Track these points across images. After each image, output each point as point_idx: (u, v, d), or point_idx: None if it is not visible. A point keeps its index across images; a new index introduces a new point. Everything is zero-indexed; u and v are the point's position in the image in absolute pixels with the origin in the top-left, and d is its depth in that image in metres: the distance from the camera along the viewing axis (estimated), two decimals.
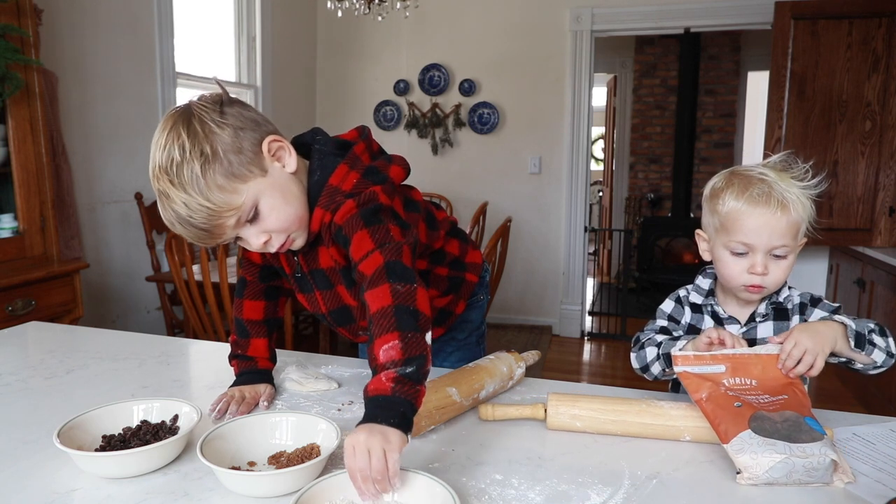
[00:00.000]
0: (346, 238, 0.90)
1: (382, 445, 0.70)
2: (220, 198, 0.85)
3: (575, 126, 4.23)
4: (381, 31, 4.49)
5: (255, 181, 0.88)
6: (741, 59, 6.03)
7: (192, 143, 0.85)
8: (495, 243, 2.45)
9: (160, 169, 0.86)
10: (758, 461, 0.78)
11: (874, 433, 0.93)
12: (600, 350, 4.29)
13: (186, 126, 0.87)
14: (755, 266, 0.99)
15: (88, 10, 2.78)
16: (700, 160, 6.14)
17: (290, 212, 0.92)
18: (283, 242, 0.93)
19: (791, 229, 0.98)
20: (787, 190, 0.98)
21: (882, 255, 3.10)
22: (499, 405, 0.97)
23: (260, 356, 1.11)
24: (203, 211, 0.85)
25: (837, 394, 3.35)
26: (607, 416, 0.92)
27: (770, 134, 3.59)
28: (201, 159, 0.84)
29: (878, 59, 3.38)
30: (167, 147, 0.86)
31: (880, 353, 0.95)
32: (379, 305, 0.80)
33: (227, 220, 0.87)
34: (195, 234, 0.88)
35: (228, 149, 0.86)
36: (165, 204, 0.86)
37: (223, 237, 0.89)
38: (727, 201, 1.01)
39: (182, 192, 0.84)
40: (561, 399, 0.94)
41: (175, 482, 0.78)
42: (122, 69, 2.97)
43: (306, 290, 1.07)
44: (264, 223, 0.90)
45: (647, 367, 1.08)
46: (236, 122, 0.90)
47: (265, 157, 0.90)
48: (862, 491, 0.78)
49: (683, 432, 0.91)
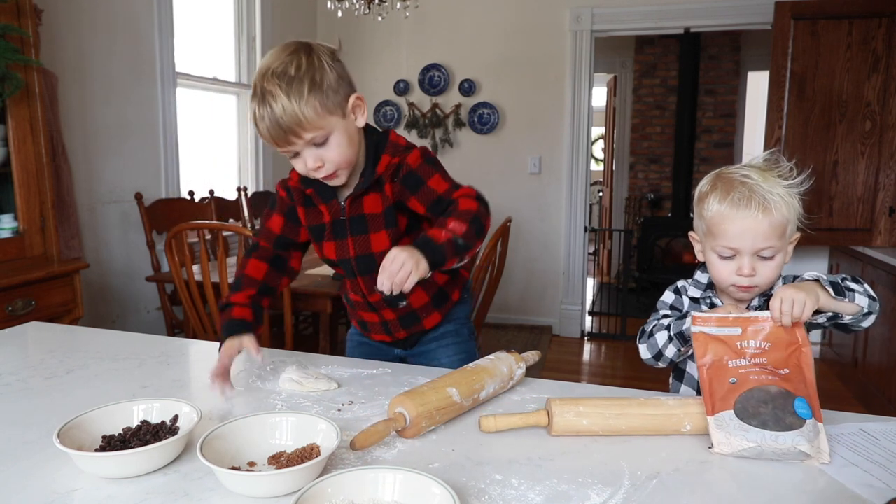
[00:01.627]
0: (420, 179, 1.14)
1: (412, 266, 0.96)
2: (311, 115, 1.03)
3: (575, 126, 4.23)
4: (381, 32, 4.50)
5: (337, 119, 1.07)
6: (741, 59, 6.03)
7: (307, 67, 1.03)
8: (495, 243, 2.45)
9: (273, 73, 1.02)
10: (730, 441, 0.85)
11: (881, 430, 0.94)
12: (600, 350, 4.29)
13: (307, 54, 1.05)
14: (742, 268, 1.01)
15: (88, 10, 2.78)
16: (700, 160, 6.14)
17: (349, 153, 1.11)
18: (330, 173, 1.11)
19: (775, 230, 0.99)
20: (770, 191, 0.99)
21: (882, 255, 3.10)
22: (501, 416, 0.93)
23: (238, 303, 1.19)
24: (294, 118, 1.02)
25: (838, 394, 3.35)
26: (612, 411, 0.92)
27: (770, 134, 3.59)
28: (311, 82, 1.03)
29: (878, 59, 3.38)
30: (286, 61, 1.03)
31: (862, 297, 0.97)
32: (467, 207, 1.09)
33: (304, 134, 1.04)
34: (275, 133, 1.03)
35: (329, 87, 1.05)
36: (267, 101, 1.02)
37: (293, 146, 1.06)
38: (711, 206, 1.03)
39: (285, 98, 1.01)
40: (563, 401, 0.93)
41: (175, 482, 0.77)
42: (122, 69, 2.97)
43: (339, 235, 1.21)
44: (327, 152, 1.08)
45: (659, 353, 1.09)
46: (341, 71, 1.09)
47: (348, 107, 1.09)
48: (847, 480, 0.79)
49: (684, 420, 0.92)
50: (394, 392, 1.04)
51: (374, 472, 0.73)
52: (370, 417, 0.98)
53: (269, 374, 1.18)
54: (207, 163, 3.80)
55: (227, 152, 3.98)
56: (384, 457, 0.86)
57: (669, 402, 0.94)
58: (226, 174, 3.95)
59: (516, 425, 0.93)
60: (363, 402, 1.05)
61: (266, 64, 1.04)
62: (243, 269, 1.24)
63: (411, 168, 1.14)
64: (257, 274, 1.23)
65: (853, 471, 0.82)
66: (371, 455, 0.86)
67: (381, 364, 1.24)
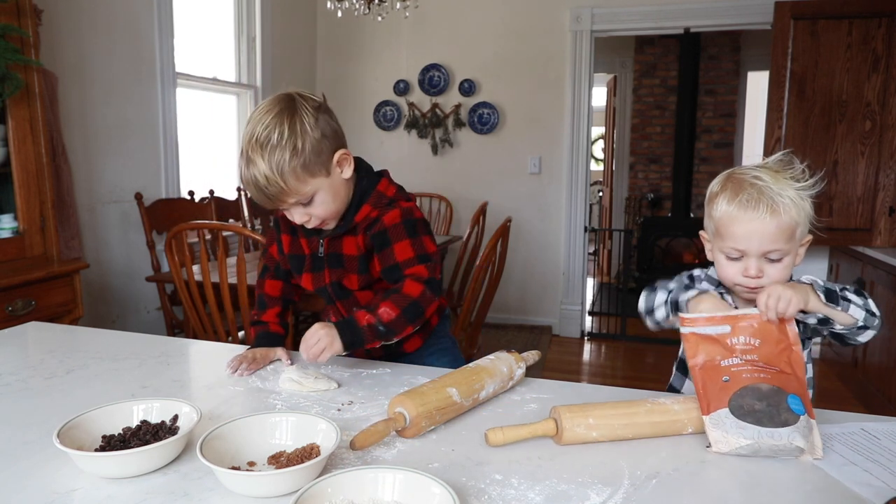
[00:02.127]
0: (389, 240, 1.17)
1: (327, 343, 1.07)
2: (293, 183, 1.07)
3: (575, 126, 4.23)
4: (381, 32, 4.50)
5: (321, 179, 1.11)
6: (741, 58, 6.03)
7: (289, 135, 1.06)
8: (495, 243, 2.45)
9: (257, 142, 1.06)
10: (727, 440, 0.86)
11: (882, 429, 0.94)
12: (600, 350, 4.29)
13: (290, 118, 1.07)
14: (748, 270, 1.01)
15: (88, 10, 2.78)
16: (700, 160, 6.14)
17: (334, 207, 1.16)
18: (318, 224, 1.16)
19: (783, 233, 0.98)
20: (780, 192, 0.98)
21: (882, 254, 3.10)
22: (508, 428, 0.88)
23: (272, 321, 1.32)
24: (277, 186, 1.07)
25: (838, 393, 3.35)
26: (620, 421, 0.90)
27: (770, 134, 3.59)
28: (292, 150, 1.06)
29: (878, 58, 3.38)
30: (270, 126, 1.06)
31: (858, 310, 0.96)
32: (408, 291, 1.14)
33: (289, 198, 1.09)
34: (260, 198, 1.09)
35: (312, 149, 1.08)
36: (249, 167, 1.07)
37: (280, 206, 1.12)
38: (720, 206, 1.02)
39: (266, 167, 1.05)
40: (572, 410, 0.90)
41: (175, 482, 0.78)
42: (122, 69, 2.97)
43: (317, 269, 1.26)
44: (313, 209, 1.14)
45: (652, 310, 1.10)
46: (325, 129, 1.11)
47: (333, 163, 1.13)
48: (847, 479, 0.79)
49: (687, 425, 0.92)
50: (393, 392, 1.04)
51: (373, 472, 0.73)
52: (370, 417, 0.98)
53: (269, 374, 1.18)
54: (207, 163, 3.80)
55: (227, 152, 3.99)
56: (384, 456, 0.86)
57: (675, 407, 0.93)
58: (226, 174, 3.95)
59: (524, 438, 0.88)
60: (363, 401, 1.05)
61: (251, 128, 1.07)
62: (262, 289, 1.36)
63: (385, 227, 1.17)
64: (275, 292, 1.36)
65: (853, 469, 0.82)
66: (371, 455, 0.86)
67: (380, 364, 1.24)
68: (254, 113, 1.09)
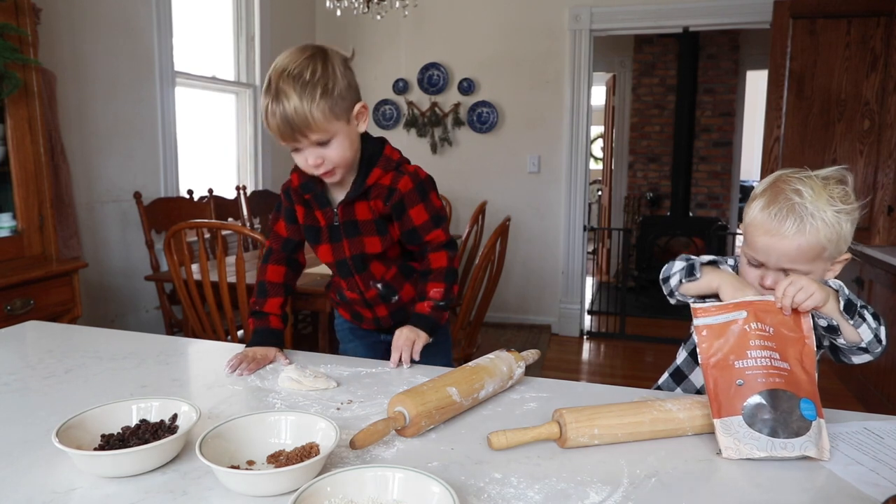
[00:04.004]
0: (404, 205, 1.25)
1: (414, 336, 1.24)
2: (320, 119, 1.11)
3: (574, 125, 4.23)
4: (379, 31, 4.49)
5: (342, 123, 1.16)
6: (740, 58, 6.03)
7: (322, 73, 1.12)
8: (494, 242, 2.45)
9: (289, 74, 1.10)
10: (739, 448, 0.84)
11: (885, 428, 0.94)
12: (599, 349, 4.29)
13: (322, 60, 1.13)
14: (764, 280, 1.00)
15: (87, 9, 2.77)
16: (699, 159, 6.14)
17: (348, 154, 1.20)
18: (328, 170, 1.19)
19: (803, 255, 0.96)
20: (814, 213, 0.94)
21: (881, 253, 3.10)
22: (511, 432, 0.87)
23: (273, 313, 1.33)
24: (303, 119, 1.10)
25: (837, 393, 3.36)
26: (624, 430, 0.89)
27: (769, 133, 3.59)
28: (323, 88, 1.11)
29: (877, 58, 3.38)
30: (301, 64, 1.11)
31: (868, 331, 0.95)
32: (438, 264, 1.29)
33: (311, 135, 1.13)
34: (284, 129, 1.12)
35: (339, 94, 1.14)
36: (280, 99, 1.10)
37: (298, 143, 1.15)
38: (753, 211, 1.01)
39: (297, 100, 1.09)
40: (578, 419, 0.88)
41: (174, 481, 0.77)
42: (121, 68, 2.96)
43: (334, 239, 1.31)
44: (328, 151, 1.17)
45: (668, 277, 1.12)
46: (351, 79, 1.18)
47: (353, 113, 1.19)
48: (853, 478, 0.79)
49: (688, 429, 0.91)
50: (393, 391, 1.04)
51: (373, 471, 0.73)
52: (369, 416, 0.98)
53: (268, 374, 1.18)
54: (206, 162, 3.79)
55: (226, 151, 3.98)
56: (383, 455, 0.86)
57: (680, 415, 0.91)
58: (225, 173, 3.94)
59: (528, 441, 0.87)
60: (362, 400, 1.05)
61: (283, 64, 1.12)
62: (264, 276, 1.36)
63: (402, 194, 1.25)
64: (278, 278, 1.36)
65: (858, 469, 0.82)
66: (370, 454, 0.86)
67: (380, 363, 1.24)
68: (283, 55, 1.14)
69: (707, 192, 6.18)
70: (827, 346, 1.03)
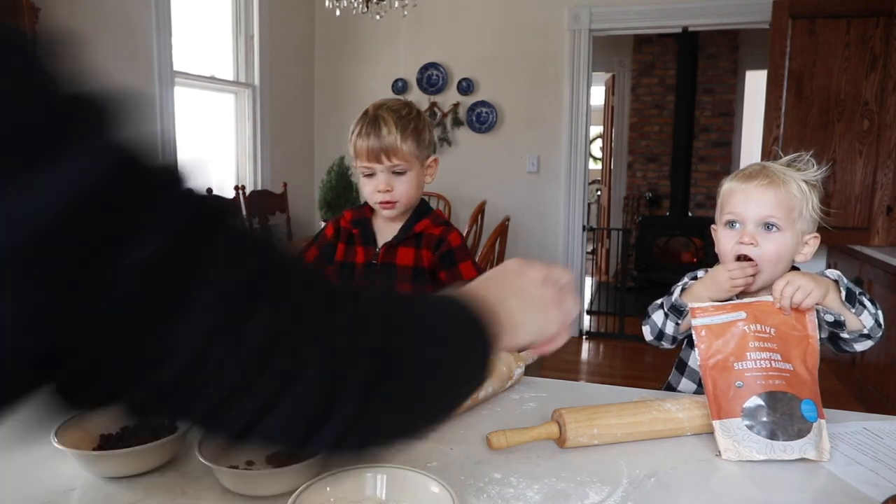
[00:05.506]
0: (454, 258, 1.34)
1: None
2: (405, 149, 1.27)
3: (573, 125, 4.23)
4: (379, 30, 4.49)
5: (417, 163, 1.32)
6: (739, 58, 6.03)
7: (415, 117, 1.32)
8: (493, 242, 2.45)
9: (388, 108, 1.29)
10: (738, 451, 0.84)
11: (884, 428, 0.94)
12: (598, 349, 4.29)
13: (417, 110, 1.35)
14: (743, 236, 1.02)
15: (86, 8, 2.77)
16: (698, 159, 6.14)
17: (412, 193, 1.33)
18: (391, 200, 1.31)
19: (780, 203, 1.01)
20: (785, 172, 1.03)
21: (880, 253, 3.11)
22: (510, 432, 0.87)
23: None
24: (393, 144, 1.26)
25: (837, 393, 3.36)
26: (624, 430, 0.89)
27: (768, 133, 3.59)
28: (414, 128, 1.30)
29: (876, 58, 3.39)
30: (400, 104, 1.32)
31: (869, 318, 0.97)
32: None
33: (394, 159, 1.27)
34: (372, 148, 1.27)
35: (424, 138, 1.32)
36: (378, 122, 1.27)
37: (378, 163, 1.28)
38: (725, 184, 1.09)
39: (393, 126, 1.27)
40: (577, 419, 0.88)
41: (173, 481, 0.77)
42: (120, 68, 2.96)
43: (368, 279, 1.38)
44: (398, 182, 1.30)
45: (660, 332, 1.11)
46: (433, 136, 1.42)
47: (427, 161, 1.35)
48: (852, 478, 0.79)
49: (688, 430, 0.91)
50: None
51: (372, 471, 0.73)
52: None
53: None
54: (205, 161, 3.79)
55: (225, 151, 3.98)
56: (382, 455, 0.85)
57: (679, 415, 0.91)
58: (223, 173, 3.94)
59: (527, 441, 0.87)
60: None
61: (382, 101, 1.33)
62: None
63: (451, 247, 1.34)
64: None
65: (857, 469, 0.82)
66: None
67: None
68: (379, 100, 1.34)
69: (706, 192, 6.17)
70: (825, 337, 1.03)
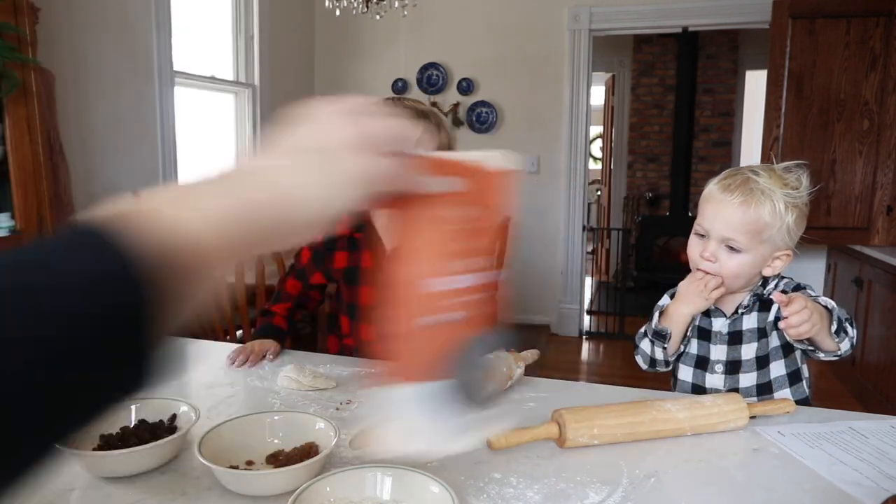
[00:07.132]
0: None
1: None
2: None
3: (573, 125, 4.23)
4: (379, 30, 4.49)
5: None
6: (739, 57, 6.03)
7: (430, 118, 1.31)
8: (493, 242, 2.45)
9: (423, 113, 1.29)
10: None
11: (870, 428, 0.94)
12: (599, 349, 4.29)
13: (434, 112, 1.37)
14: (704, 250, 1.02)
15: (86, 8, 2.77)
16: (698, 159, 6.14)
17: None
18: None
19: (747, 225, 0.99)
20: (763, 191, 0.98)
21: (880, 253, 3.10)
22: (510, 432, 0.87)
23: (279, 313, 1.42)
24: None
25: (836, 392, 3.36)
26: (623, 430, 0.89)
27: (768, 133, 3.59)
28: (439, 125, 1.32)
29: (876, 58, 3.38)
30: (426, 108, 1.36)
31: (847, 343, 0.97)
32: None
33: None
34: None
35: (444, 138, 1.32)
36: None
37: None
38: (710, 184, 1.06)
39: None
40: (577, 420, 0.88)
41: (173, 481, 0.77)
42: (120, 68, 2.96)
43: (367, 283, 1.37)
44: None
45: (651, 359, 1.10)
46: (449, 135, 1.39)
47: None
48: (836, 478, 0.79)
49: (688, 430, 0.91)
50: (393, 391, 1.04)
51: (372, 471, 0.73)
52: (368, 416, 0.98)
53: (267, 373, 1.18)
54: (205, 161, 3.79)
55: (225, 151, 3.98)
56: (382, 455, 0.85)
57: (679, 415, 0.91)
58: None
59: (527, 441, 0.87)
60: (361, 400, 1.05)
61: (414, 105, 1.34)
62: (283, 285, 1.48)
63: None
64: (294, 291, 1.47)
65: (841, 469, 0.82)
66: (369, 454, 0.86)
67: (379, 363, 1.24)
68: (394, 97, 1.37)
69: None
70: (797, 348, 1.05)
